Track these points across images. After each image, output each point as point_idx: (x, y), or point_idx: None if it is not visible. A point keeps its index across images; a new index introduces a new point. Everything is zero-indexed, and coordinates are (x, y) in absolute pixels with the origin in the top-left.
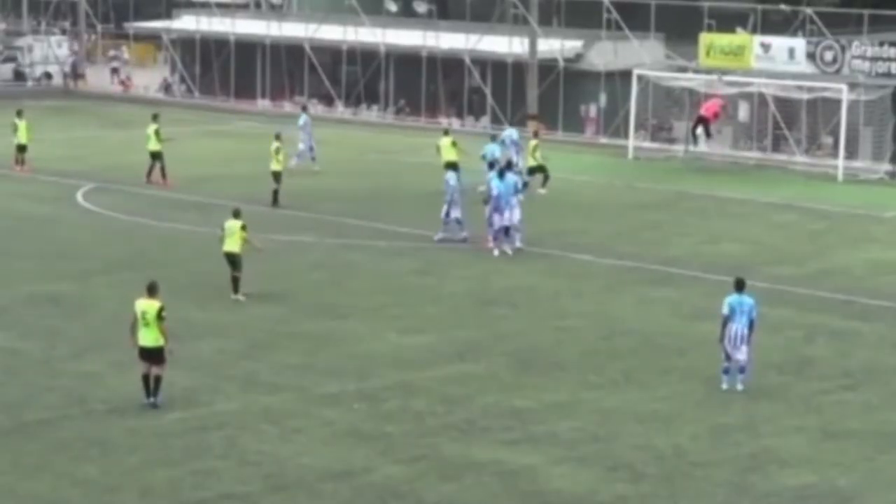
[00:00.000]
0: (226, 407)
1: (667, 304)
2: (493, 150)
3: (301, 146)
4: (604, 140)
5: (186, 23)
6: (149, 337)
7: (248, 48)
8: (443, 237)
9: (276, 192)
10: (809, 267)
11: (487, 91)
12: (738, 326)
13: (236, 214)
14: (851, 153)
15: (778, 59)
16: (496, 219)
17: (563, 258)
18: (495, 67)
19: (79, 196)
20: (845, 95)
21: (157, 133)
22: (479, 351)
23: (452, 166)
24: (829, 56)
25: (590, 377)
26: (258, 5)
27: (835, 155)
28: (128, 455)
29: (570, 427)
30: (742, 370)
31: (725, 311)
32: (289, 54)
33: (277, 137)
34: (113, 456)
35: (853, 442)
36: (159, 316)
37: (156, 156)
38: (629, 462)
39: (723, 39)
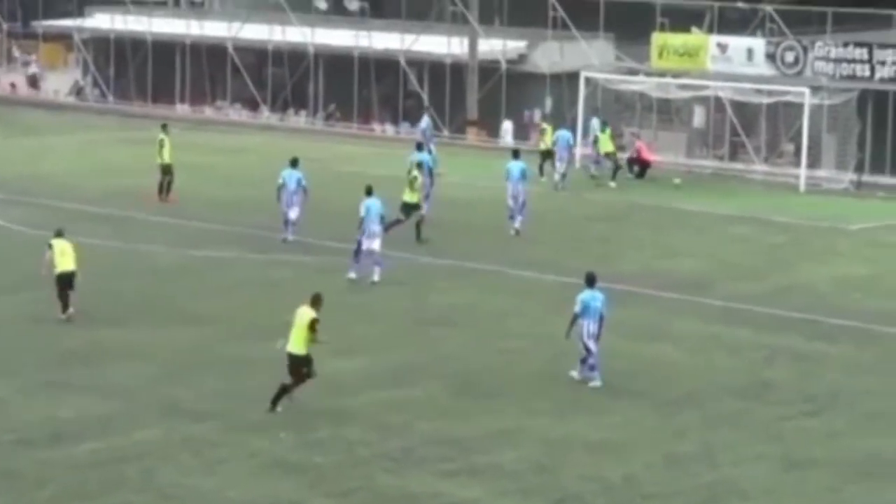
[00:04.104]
0: (144, 436)
1: (618, 324)
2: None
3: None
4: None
5: (99, 21)
6: (295, 342)
7: (166, 49)
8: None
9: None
10: (770, 283)
11: (424, 95)
12: (590, 322)
13: (59, 234)
14: (814, 161)
15: (735, 61)
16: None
17: (504, 274)
18: (433, 69)
19: None
20: (807, 100)
21: (161, 144)
22: (416, 374)
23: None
24: (790, 57)
25: (534, 403)
26: (177, 3)
27: (796, 163)
28: (37, 489)
29: (514, 457)
30: (592, 367)
31: (578, 308)
32: (210, 55)
33: (419, 166)
34: (21, 489)
35: (817, 471)
36: (311, 327)
37: (166, 169)
38: (577, 493)
39: (677, 39)
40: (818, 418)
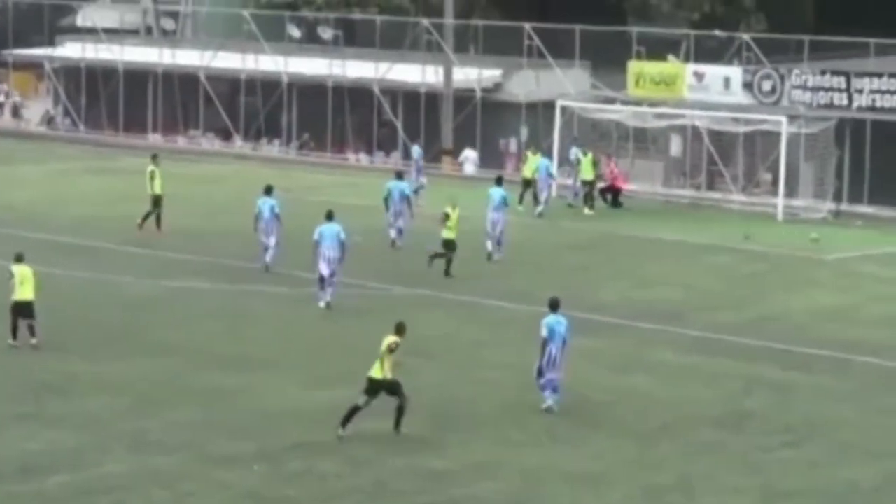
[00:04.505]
0: (114, 469)
1: (595, 354)
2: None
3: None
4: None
5: (71, 50)
6: (377, 369)
7: (138, 78)
8: (267, 260)
9: (448, 261)
10: (747, 313)
11: (399, 124)
12: (554, 347)
13: (19, 259)
14: (792, 191)
15: (712, 89)
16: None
17: (481, 304)
18: (407, 98)
19: None
20: (785, 128)
21: (152, 175)
22: (391, 406)
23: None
24: (767, 86)
25: (511, 434)
26: (149, 31)
27: (774, 192)
28: None
29: (491, 489)
30: (555, 390)
31: (545, 333)
32: (182, 84)
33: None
34: None
35: (796, 502)
36: (389, 348)
37: (157, 201)
38: None
39: (653, 68)
40: (796, 449)
